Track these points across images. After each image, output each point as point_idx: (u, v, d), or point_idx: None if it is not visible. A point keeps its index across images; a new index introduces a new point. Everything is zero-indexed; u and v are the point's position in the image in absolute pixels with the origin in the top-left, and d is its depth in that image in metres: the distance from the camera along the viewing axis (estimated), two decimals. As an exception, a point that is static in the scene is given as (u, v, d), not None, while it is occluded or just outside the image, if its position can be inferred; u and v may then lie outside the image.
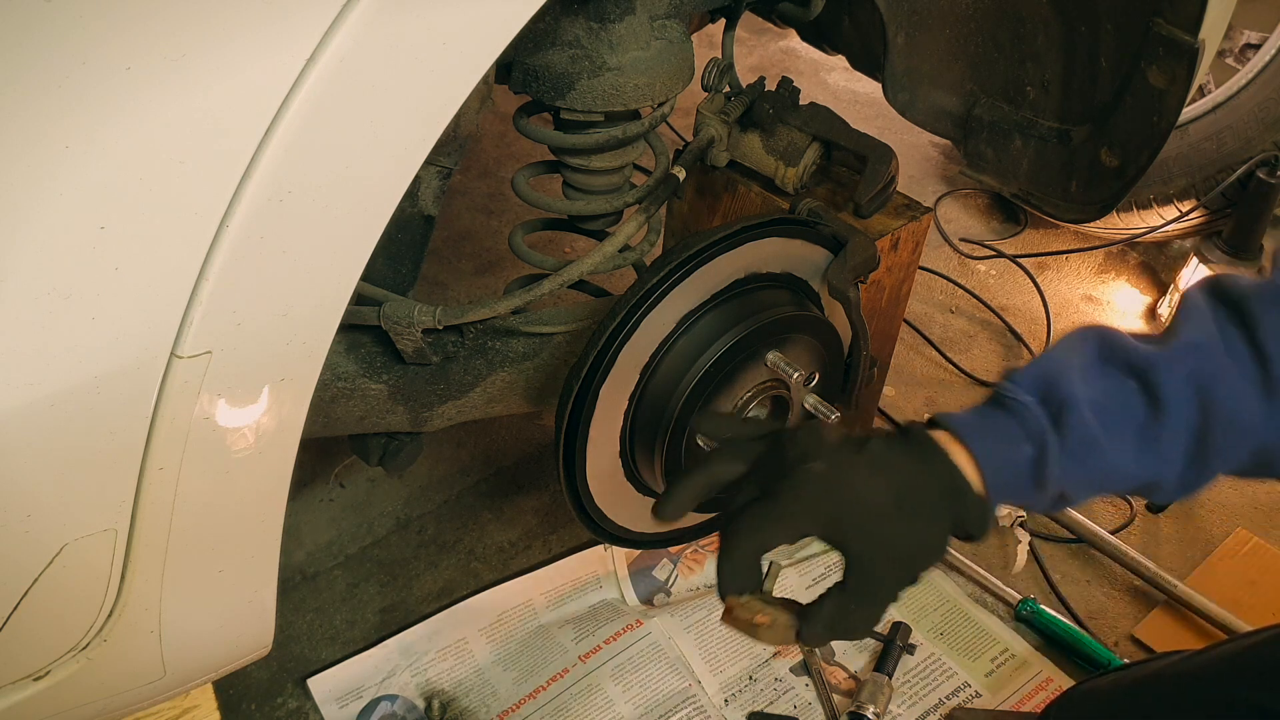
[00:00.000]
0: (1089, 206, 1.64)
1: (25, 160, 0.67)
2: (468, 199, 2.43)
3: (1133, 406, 0.83)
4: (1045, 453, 0.82)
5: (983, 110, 1.67)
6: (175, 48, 0.69)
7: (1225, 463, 0.84)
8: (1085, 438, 0.82)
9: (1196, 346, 0.83)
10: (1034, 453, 0.82)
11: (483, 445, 1.82)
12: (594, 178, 1.31)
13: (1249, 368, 0.82)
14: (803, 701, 1.47)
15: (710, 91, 1.44)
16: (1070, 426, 0.82)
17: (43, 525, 0.76)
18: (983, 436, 0.84)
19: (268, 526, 0.93)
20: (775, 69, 3.08)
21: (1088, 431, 0.82)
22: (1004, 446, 0.83)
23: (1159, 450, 0.82)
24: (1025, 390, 0.84)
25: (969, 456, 0.83)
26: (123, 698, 0.97)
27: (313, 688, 1.42)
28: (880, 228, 1.45)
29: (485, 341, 1.27)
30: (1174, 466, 0.83)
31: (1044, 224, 2.46)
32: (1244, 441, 0.83)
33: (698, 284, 1.16)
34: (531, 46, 1.14)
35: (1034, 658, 1.54)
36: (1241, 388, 0.81)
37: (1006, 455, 0.83)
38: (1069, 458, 0.82)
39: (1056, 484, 0.83)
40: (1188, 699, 1.10)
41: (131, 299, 0.71)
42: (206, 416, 0.79)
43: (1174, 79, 1.41)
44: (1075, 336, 0.88)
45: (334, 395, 1.18)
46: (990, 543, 1.72)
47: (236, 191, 0.72)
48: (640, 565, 1.60)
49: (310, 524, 1.65)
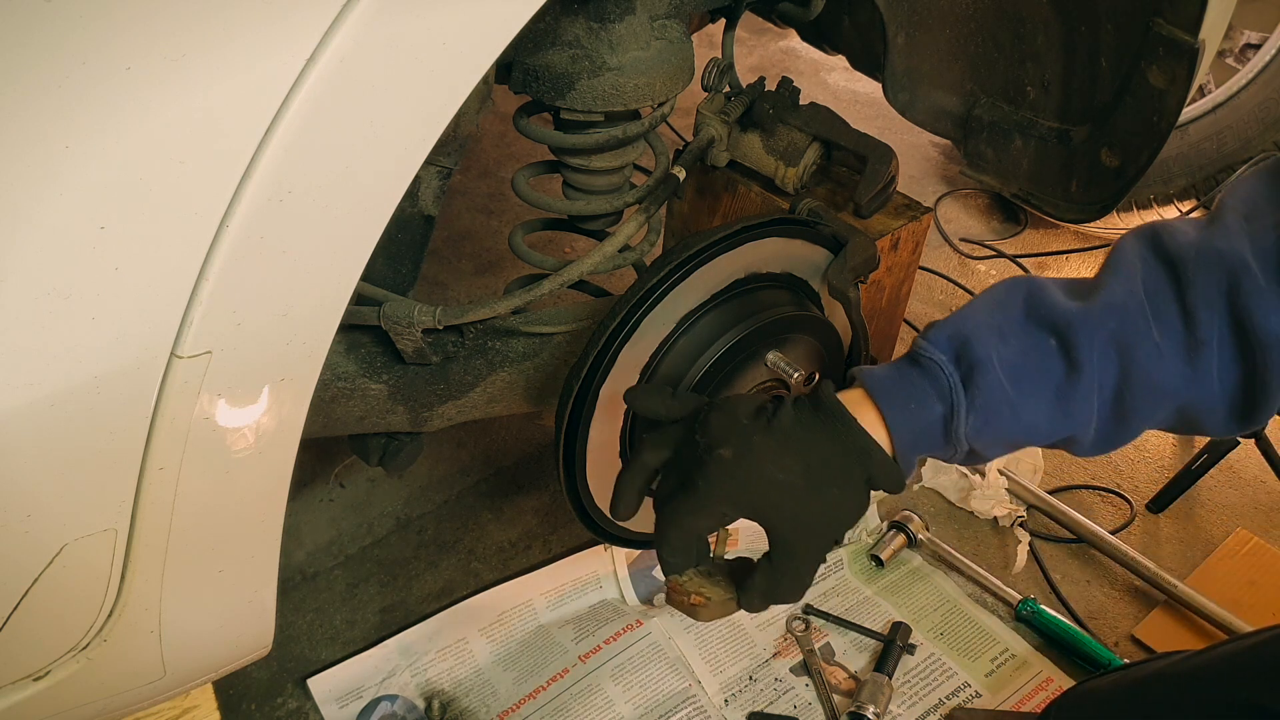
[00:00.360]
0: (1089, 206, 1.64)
1: (25, 160, 0.67)
2: (468, 199, 2.43)
3: (1049, 366, 0.84)
4: (954, 411, 0.84)
5: (983, 110, 1.67)
6: (175, 48, 0.69)
7: (1146, 420, 0.85)
8: (994, 399, 0.84)
9: (1120, 306, 0.84)
10: (944, 411, 0.84)
11: (483, 445, 1.82)
12: (594, 178, 1.31)
13: (1174, 329, 0.82)
14: (803, 701, 1.46)
15: (710, 91, 1.44)
16: (980, 387, 0.84)
17: (43, 525, 0.76)
18: (893, 397, 0.86)
19: (268, 526, 0.93)
20: (775, 69, 3.08)
21: (997, 393, 0.84)
22: (914, 406, 0.85)
23: (1073, 410, 0.84)
24: (939, 348, 0.86)
25: (880, 417, 0.85)
26: (123, 698, 0.97)
27: (313, 688, 1.42)
28: (880, 228, 1.45)
29: (485, 341, 1.27)
30: (1089, 424, 0.85)
31: (1044, 224, 2.47)
32: (1164, 401, 0.84)
33: (698, 284, 1.16)
34: (531, 46, 1.14)
35: (1034, 658, 1.54)
36: (1164, 349, 0.82)
37: (916, 415, 0.85)
38: (977, 417, 0.84)
39: (966, 441, 0.85)
40: (1188, 699, 1.10)
41: (131, 299, 0.71)
42: (206, 416, 0.79)
43: (1174, 79, 1.41)
44: (1001, 289, 0.89)
45: (334, 395, 1.18)
46: (990, 543, 1.72)
47: (236, 191, 0.72)
48: (640, 565, 1.60)
49: (310, 524, 1.65)
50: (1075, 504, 1.78)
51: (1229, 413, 0.84)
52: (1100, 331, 0.83)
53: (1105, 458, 1.89)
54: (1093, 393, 0.83)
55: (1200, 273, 0.82)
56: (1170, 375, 0.82)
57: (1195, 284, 0.82)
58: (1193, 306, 0.82)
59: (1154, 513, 1.79)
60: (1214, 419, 0.85)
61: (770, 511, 0.86)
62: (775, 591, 0.89)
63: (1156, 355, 0.82)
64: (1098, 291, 0.85)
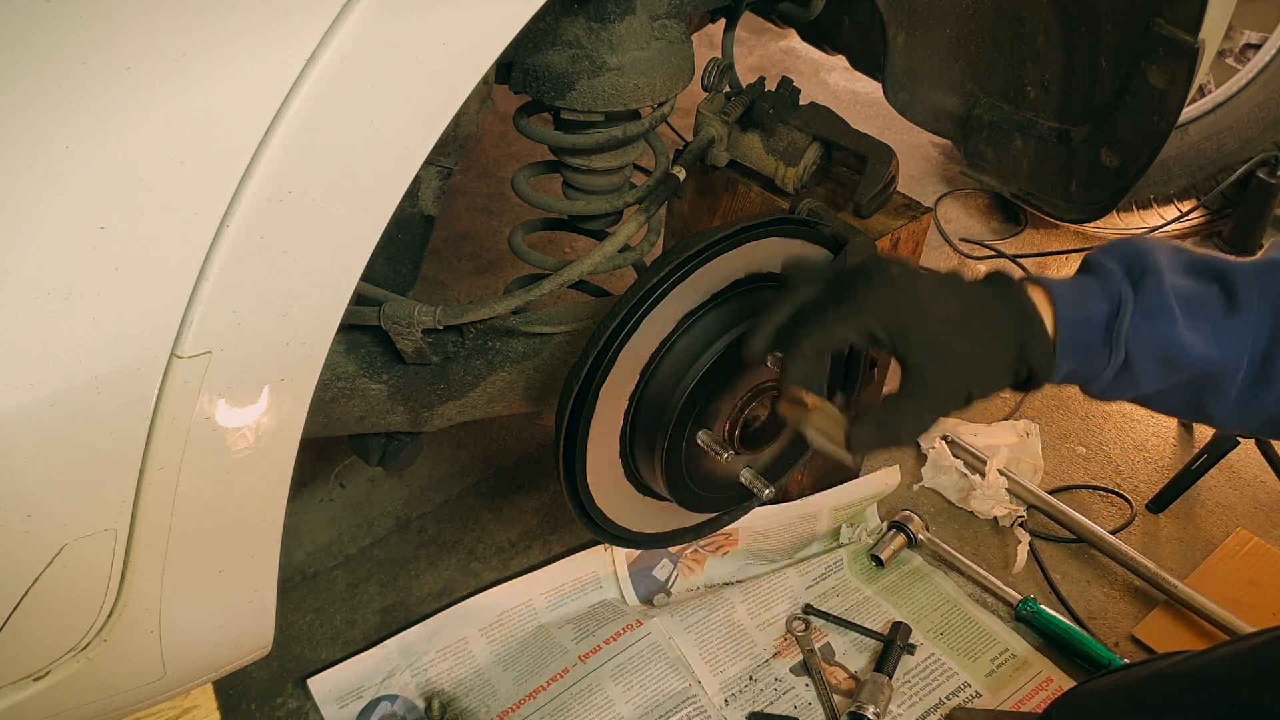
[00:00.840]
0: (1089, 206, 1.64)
1: (25, 160, 0.67)
2: (468, 199, 2.43)
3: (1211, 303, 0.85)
4: (1121, 310, 0.84)
5: (983, 110, 1.67)
6: (175, 48, 0.69)
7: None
8: (1161, 305, 0.84)
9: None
10: (1109, 309, 0.85)
11: (483, 445, 1.82)
12: (594, 178, 1.31)
13: None
14: (803, 701, 1.46)
15: (710, 91, 1.44)
16: (1148, 291, 0.85)
17: (43, 525, 0.76)
18: (1063, 288, 0.87)
19: (268, 526, 0.93)
20: (775, 69, 3.08)
21: (1165, 300, 0.84)
22: (1082, 298, 0.86)
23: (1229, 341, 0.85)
24: (1113, 259, 0.87)
25: (1048, 301, 0.86)
26: (123, 698, 0.97)
27: (313, 688, 1.42)
28: (880, 228, 1.45)
29: (485, 341, 1.27)
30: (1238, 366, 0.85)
31: (1044, 224, 2.47)
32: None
33: (698, 284, 1.16)
34: (531, 46, 1.14)
35: (1034, 658, 1.54)
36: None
37: (1083, 306, 0.86)
38: (1143, 317, 0.84)
39: (1125, 344, 0.84)
40: (1189, 700, 1.10)
41: (131, 299, 0.71)
42: (206, 416, 0.79)
43: (1174, 79, 1.41)
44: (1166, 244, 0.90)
45: (334, 395, 1.18)
46: (990, 543, 1.72)
47: (236, 191, 0.72)
48: (640, 565, 1.60)
49: (310, 524, 1.65)
50: (1075, 504, 1.78)
51: None
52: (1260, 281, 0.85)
53: (1105, 457, 1.90)
54: (1248, 334, 0.84)
55: None
56: None
57: None
58: None
59: (1154, 513, 1.79)
60: None
61: (917, 338, 0.84)
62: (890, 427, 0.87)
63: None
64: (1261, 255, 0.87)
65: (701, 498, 1.28)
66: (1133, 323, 0.84)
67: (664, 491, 1.24)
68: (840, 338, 0.87)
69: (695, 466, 1.23)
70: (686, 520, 1.39)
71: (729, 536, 1.63)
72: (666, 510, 1.32)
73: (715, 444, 1.19)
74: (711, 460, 1.22)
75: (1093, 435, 1.94)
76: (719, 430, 1.21)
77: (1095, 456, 1.90)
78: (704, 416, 1.19)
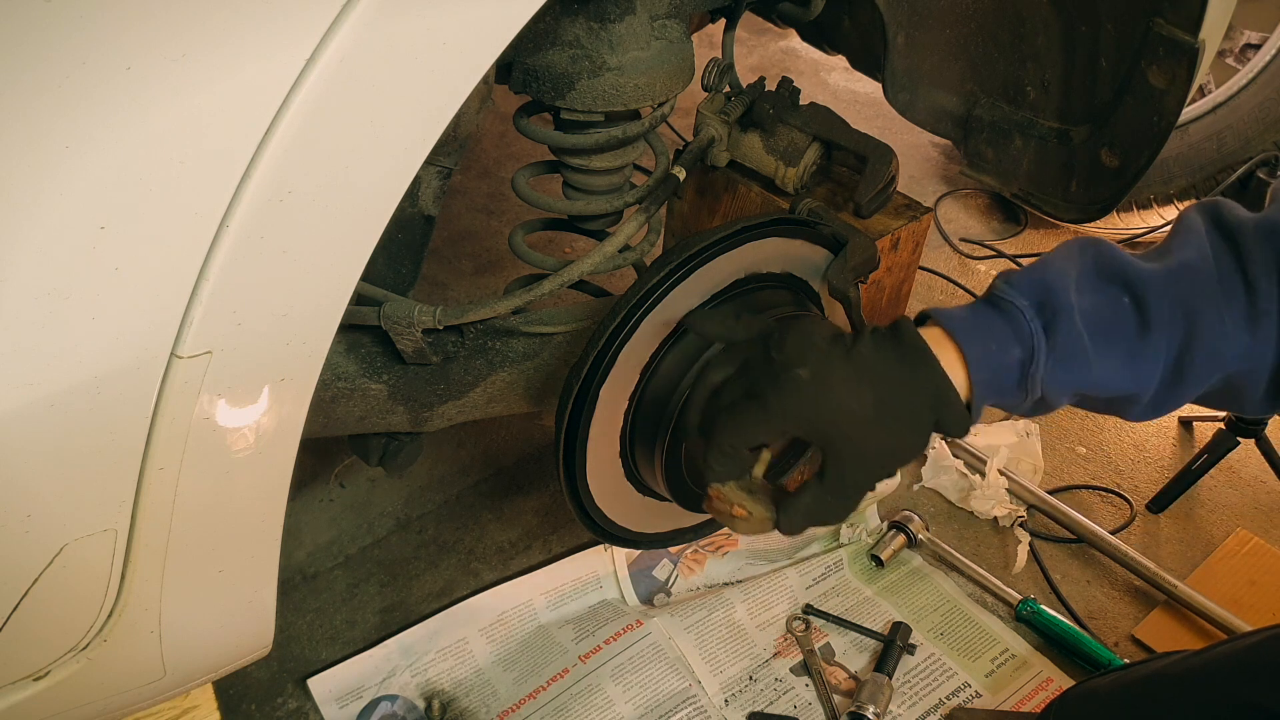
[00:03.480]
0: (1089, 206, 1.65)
1: (25, 160, 0.67)
2: (468, 199, 2.43)
3: (1124, 322, 0.85)
4: (1034, 357, 0.85)
5: (983, 110, 1.67)
6: (175, 48, 0.69)
7: (1197, 387, 0.86)
8: (1074, 348, 0.84)
9: (1191, 268, 0.85)
10: (1023, 356, 0.85)
11: (483, 445, 1.82)
12: (594, 178, 1.31)
13: (1238, 298, 0.83)
14: (803, 701, 1.46)
15: (710, 91, 1.44)
16: (1060, 333, 0.84)
17: (43, 525, 0.76)
18: (975, 336, 0.86)
19: (268, 526, 0.93)
20: (775, 69, 3.08)
21: (1077, 342, 0.84)
22: (994, 348, 0.86)
23: (1141, 367, 0.85)
24: (1022, 295, 0.86)
25: (959, 355, 0.86)
26: (123, 698, 0.97)
27: (313, 688, 1.42)
28: (880, 228, 1.45)
29: (485, 341, 1.27)
30: (1151, 384, 0.86)
31: (1044, 224, 2.47)
32: (1220, 367, 0.85)
33: (698, 284, 1.16)
34: (531, 46, 1.14)
35: (1034, 658, 1.54)
36: (1227, 317, 0.83)
37: (996, 357, 0.86)
38: (1056, 363, 0.85)
39: (1040, 388, 0.86)
40: (1189, 699, 1.10)
41: (131, 299, 0.71)
42: (207, 417, 0.79)
43: (1174, 79, 1.41)
44: (1073, 247, 0.90)
45: (334, 395, 1.18)
46: (990, 543, 1.72)
47: (237, 191, 0.72)
48: (640, 565, 1.60)
49: (310, 524, 1.65)
50: (1075, 504, 1.78)
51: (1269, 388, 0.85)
52: (1170, 292, 0.84)
53: (1105, 457, 1.90)
54: (1160, 352, 0.84)
55: (1260, 245, 0.83)
56: (1231, 343, 0.83)
57: (1255, 255, 0.83)
58: (1254, 277, 0.83)
59: (1154, 513, 1.79)
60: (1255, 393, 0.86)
61: (834, 436, 0.86)
62: (818, 511, 0.89)
63: (1220, 321, 0.83)
64: (1168, 255, 0.86)
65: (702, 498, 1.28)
66: (1047, 369, 0.85)
67: (664, 491, 1.24)
68: (757, 440, 0.89)
69: (696, 466, 1.23)
70: (687, 520, 1.39)
71: (729, 536, 1.63)
72: (667, 510, 1.32)
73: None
74: (711, 460, 1.22)
75: (1093, 435, 1.94)
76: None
77: (1095, 456, 1.90)
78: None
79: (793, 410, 0.86)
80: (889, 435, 0.86)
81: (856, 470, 0.87)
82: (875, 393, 0.85)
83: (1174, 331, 0.84)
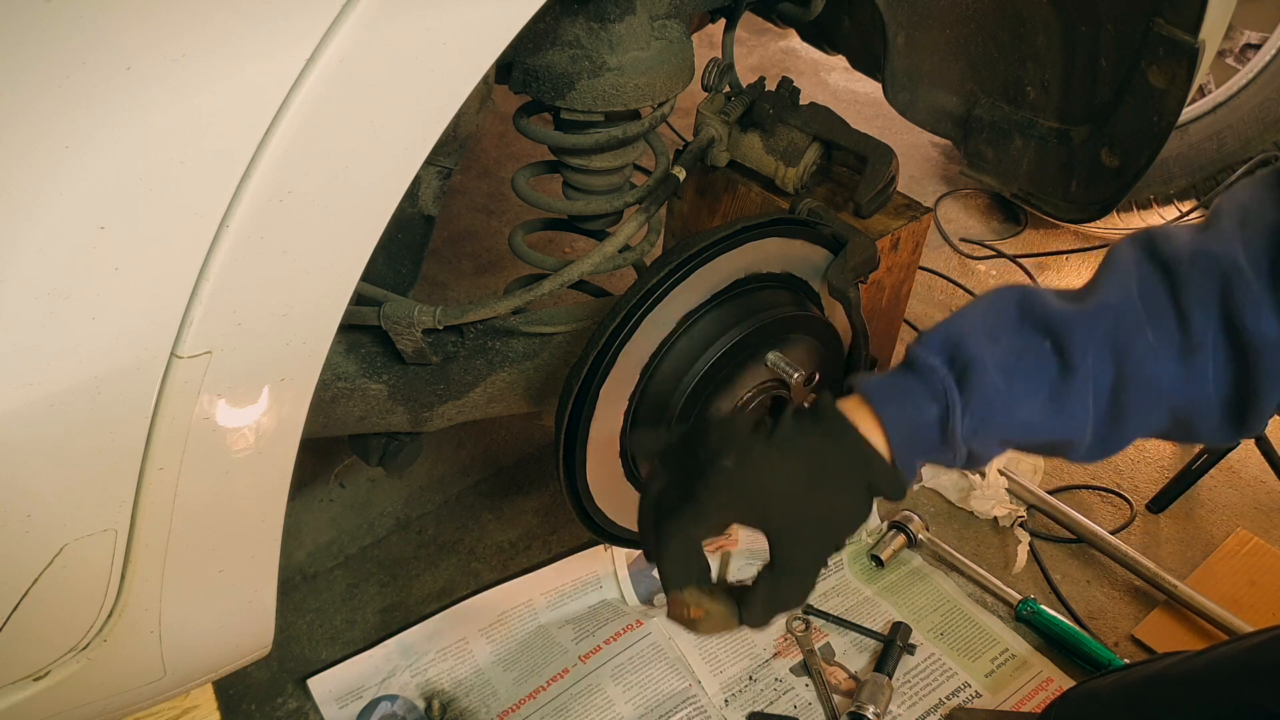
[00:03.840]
0: (1089, 206, 1.64)
1: (25, 160, 0.67)
2: (468, 199, 2.43)
3: (1044, 366, 0.85)
4: (950, 412, 0.84)
5: (983, 110, 1.67)
6: (175, 48, 0.69)
7: (1142, 424, 0.86)
8: (989, 398, 0.84)
9: (1114, 308, 0.84)
10: (939, 412, 0.85)
11: (483, 445, 1.82)
12: (594, 178, 1.31)
13: (1169, 331, 0.83)
14: (803, 701, 1.46)
15: (710, 91, 1.44)
16: (974, 387, 0.84)
17: (43, 525, 0.76)
18: (889, 401, 0.86)
19: (268, 526, 0.93)
20: (775, 69, 3.08)
21: (992, 392, 0.84)
22: (909, 409, 0.86)
23: (1068, 410, 0.85)
24: (933, 352, 0.86)
25: (877, 421, 0.86)
26: (123, 698, 0.97)
27: (313, 688, 1.42)
28: (880, 228, 1.45)
29: (485, 341, 1.27)
30: (1085, 427, 0.85)
31: (1044, 224, 2.46)
32: (1159, 402, 0.84)
33: (698, 284, 1.16)
34: (531, 46, 1.14)
35: (1034, 658, 1.54)
36: (1158, 349, 0.83)
37: (912, 417, 0.86)
38: (973, 417, 0.84)
39: (964, 442, 0.85)
40: (1189, 700, 1.10)
41: (131, 299, 0.71)
42: (207, 417, 0.79)
43: (1174, 79, 1.41)
44: (994, 295, 0.90)
45: (334, 395, 1.18)
46: (990, 543, 1.72)
47: (237, 191, 0.72)
48: (640, 565, 1.60)
49: (310, 524, 1.65)
50: (1075, 504, 1.78)
51: (1223, 417, 0.84)
52: (1094, 332, 0.84)
53: (1105, 458, 1.89)
54: (1087, 393, 0.84)
55: (1194, 275, 0.82)
56: (1165, 376, 0.83)
57: (1189, 286, 0.82)
58: (1187, 309, 0.82)
59: (1154, 513, 1.79)
60: (1209, 424, 0.85)
61: (772, 518, 0.86)
62: (777, 599, 0.89)
63: (1152, 356, 0.82)
64: (1092, 295, 0.86)
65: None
66: (965, 425, 0.84)
67: (664, 491, 1.24)
68: (701, 537, 0.89)
69: None
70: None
71: (729, 536, 1.63)
72: (666, 510, 1.32)
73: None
74: (711, 460, 1.22)
75: (1093, 435, 1.94)
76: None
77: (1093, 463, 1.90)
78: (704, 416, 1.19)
79: (724, 500, 0.86)
80: (824, 506, 0.86)
81: (800, 547, 0.87)
82: (802, 466, 0.86)
83: (1101, 369, 0.83)
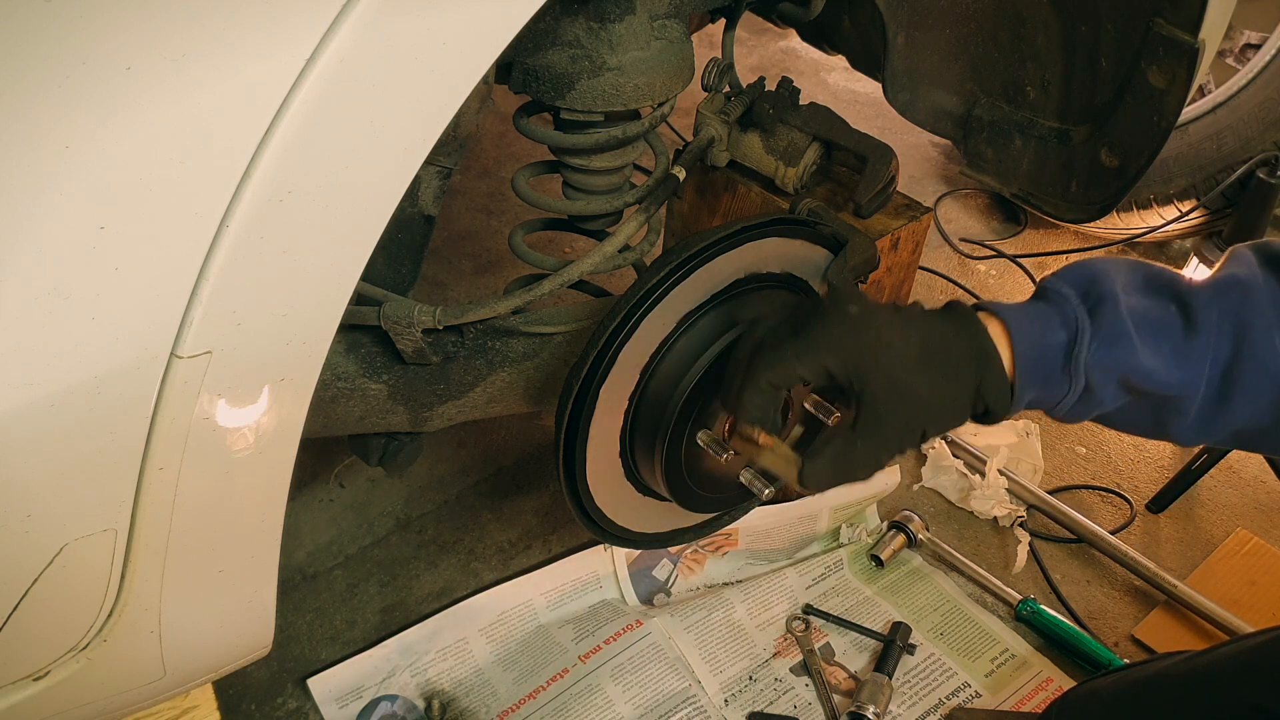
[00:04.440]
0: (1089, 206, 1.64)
1: (25, 160, 0.67)
2: (468, 199, 2.43)
3: (1171, 325, 0.85)
4: (1078, 338, 0.85)
5: (983, 110, 1.67)
6: (175, 48, 0.69)
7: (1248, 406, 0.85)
8: (1118, 332, 0.84)
9: (1240, 284, 0.85)
10: (1067, 338, 0.85)
11: (483, 445, 1.82)
12: (594, 178, 1.31)
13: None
14: (803, 701, 1.46)
15: (710, 91, 1.44)
16: (1105, 317, 0.85)
17: (43, 525, 0.76)
18: (1020, 318, 0.87)
19: (268, 526, 0.93)
20: (775, 69, 3.08)
21: (1122, 326, 0.84)
22: (1039, 329, 0.86)
23: (1188, 366, 0.84)
24: (1067, 284, 0.87)
25: (1005, 335, 0.86)
26: (123, 698, 0.97)
27: (313, 688, 1.42)
28: (880, 228, 1.45)
29: (485, 341, 1.27)
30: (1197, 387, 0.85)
31: (1044, 224, 2.47)
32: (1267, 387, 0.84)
33: (698, 284, 1.16)
34: (531, 46, 1.14)
35: (1034, 658, 1.54)
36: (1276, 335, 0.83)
37: (1040, 337, 0.86)
38: (1100, 345, 0.84)
39: (1084, 372, 0.85)
40: (1189, 700, 1.10)
41: (131, 299, 0.71)
42: (206, 416, 0.79)
43: (1174, 79, 1.41)
44: (1121, 262, 0.90)
45: (334, 395, 1.18)
46: (990, 543, 1.72)
47: (236, 191, 0.72)
48: (640, 565, 1.60)
49: (310, 524, 1.65)
50: (1075, 504, 1.78)
51: None
52: (1219, 303, 0.84)
53: (1105, 457, 1.90)
54: (1206, 357, 0.84)
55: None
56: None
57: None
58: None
59: (1154, 513, 1.79)
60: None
61: (873, 378, 0.84)
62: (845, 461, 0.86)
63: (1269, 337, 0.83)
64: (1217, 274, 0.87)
65: (701, 498, 1.28)
66: (1091, 351, 0.84)
67: (664, 491, 1.24)
68: (797, 375, 0.87)
69: (695, 466, 1.23)
70: (687, 520, 1.39)
71: (729, 536, 1.63)
72: (666, 510, 1.32)
73: (715, 444, 1.19)
74: (711, 460, 1.22)
75: (1093, 435, 1.94)
76: (719, 430, 1.21)
77: (1095, 456, 1.90)
78: (704, 416, 1.19)
79: (836, 339, 0.84)
80: (929, 386, 0.85)
81: (891, 414, 0.85)
82: (921, 337, 0.85)
83: (1221, 339, 0.84)
